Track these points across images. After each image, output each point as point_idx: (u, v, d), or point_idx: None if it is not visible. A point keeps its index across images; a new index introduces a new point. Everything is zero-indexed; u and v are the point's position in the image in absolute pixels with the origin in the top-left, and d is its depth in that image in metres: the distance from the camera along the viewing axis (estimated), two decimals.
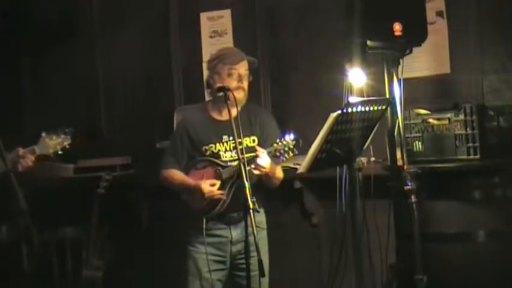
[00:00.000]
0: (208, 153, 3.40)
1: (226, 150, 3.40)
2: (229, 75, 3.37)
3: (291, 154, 3.30)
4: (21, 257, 4.55)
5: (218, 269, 3.42)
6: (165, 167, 3.50)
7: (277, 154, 3.29)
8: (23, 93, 5.42)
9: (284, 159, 3.32)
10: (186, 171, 3.44)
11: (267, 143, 3.35)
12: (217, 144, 3.40)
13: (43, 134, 3.22)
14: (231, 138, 3.39)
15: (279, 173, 3.47)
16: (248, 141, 3.40)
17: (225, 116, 3.42)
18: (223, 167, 3.35)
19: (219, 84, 3.34)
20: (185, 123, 3.51)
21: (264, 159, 3.25)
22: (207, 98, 3.79)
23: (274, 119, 3.59)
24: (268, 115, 3.60)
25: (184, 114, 3.55)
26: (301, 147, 3.35)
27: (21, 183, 2.90)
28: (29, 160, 3.17)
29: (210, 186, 3.29)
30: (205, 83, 3.56)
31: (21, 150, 3.16)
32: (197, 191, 3.31)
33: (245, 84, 3.39)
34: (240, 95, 3.35)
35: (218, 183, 3.31)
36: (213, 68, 3.43)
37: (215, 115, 3.48)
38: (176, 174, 3.45)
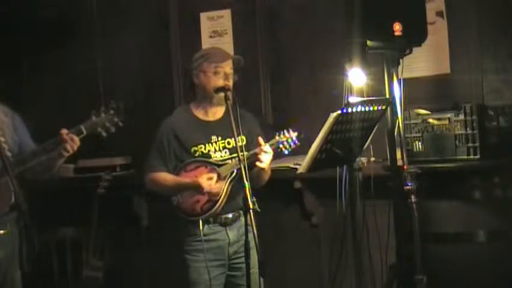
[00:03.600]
0: (197, 154, 3.36)
1: (215, 151, 3.37)
2: (215, 73, 3.35)
3: (293, 146, 3.29)
4: (21, 257, 4.55)
5: (220, 273, 3.39)
6: (152, 170, 3.40)
7: (280, 147, 3.29)
8: (23, 93, 5.41)
9: (288, 151, 3.32)
10: (176, 174, 3.38)
11: (253, 143, 3.32)
12: (207, 145, 3.37)
13: (93, 112, 3.02)
14: (219, 138, 3.38)
15: (269, 171, 3.45)
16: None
17: (211, 117, 3.44)
18: (218, 166, 3.33)
19: (211, 84, 3.33)
20: (172, 125, 3.42)
21: (268, 153, 3.26)
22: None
23: (257, 120, 3.56)
24: (252, 115, 3.53)
25: (167, 118, 3.46)
26: (301, 147, 3.35)
27: (21, 183, 2.90)
28: (75, 144, 2.97)
29: (207, 180, 3.27)
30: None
31: (65, 131, 2.97)
32: (195, 187, 3.27)
33: (231, 83, 3.37)
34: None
35: (215, 176, 3.29)
36: (198, 67, 3.39)
37: (201, 116, 3.44)
38: (168, 176, 3.37)
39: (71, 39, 5.18)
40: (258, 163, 3.24)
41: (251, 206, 2.84)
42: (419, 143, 3.97)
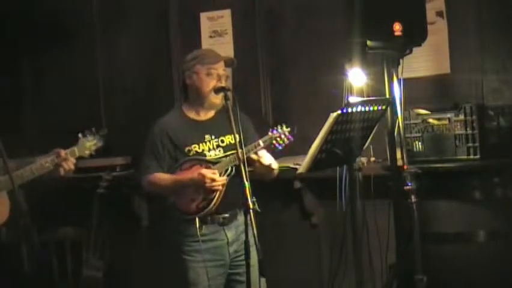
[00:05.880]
0: (191, 153, 3.37)
1: (210, 149, 3.38)
2: (208, 75, 3.36)
3: (286, 141, 3.32)
4: (21, 257, 4.55)
5: (219, 274, 3.38)
6: (148, 172, 3.41)
7: (273, 142, 3.30)
8: (23, 93, 5.41)
9: (280, 147, 3.34)
10: (171, 174, 3.38)
11: (247, 141, 3.31)
12: (201, 145, 3.38)
13: (80, 135, 3.17)
14: (212, 137, 3.39)
15: (276, 164, 3.44)
16: (230, 139, 3.37)
17: (203, 116, 3.45)
18: (213, 163, 3.33)
19: (203, 85, 3.35)
20: (164, 127, 3.42)
21: (266, 158, 3.29)
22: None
23: (250, 120, 3.56)
24: (247, 117, 3.50)
25: (159, 119, 3.48)
26: (301, 147, 3.34)
27: (21, 184, 2.90)
28: (71, 163, 3.10)
29: (210, 173, 3.25)
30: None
31: (63, 152, 3.09)
32: (197, 181, 3.24)
33: (223, 84, 3.36)
34: (219, 96, 3.34)
35: (216, 170, 3.28)
36: (191, 68, 3.40)
37: (193, 116, 3.45)
38: (165, 175, 3.37)
39: (71, 39, 5.18)
40: (262, 160, 3.28)
41: (251, 206, 2.84)
42: (419, 143, 3.97)
